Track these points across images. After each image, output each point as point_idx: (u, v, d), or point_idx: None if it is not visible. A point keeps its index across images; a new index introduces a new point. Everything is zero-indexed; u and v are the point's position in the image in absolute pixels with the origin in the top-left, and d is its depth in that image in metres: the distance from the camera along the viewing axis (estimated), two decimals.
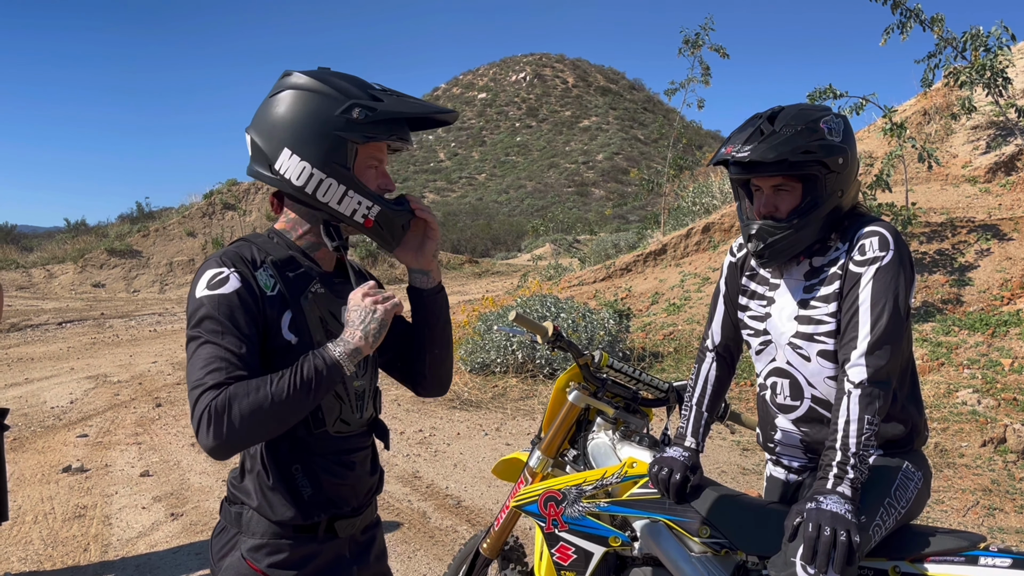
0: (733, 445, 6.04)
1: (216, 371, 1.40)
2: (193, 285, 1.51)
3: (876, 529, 1.91)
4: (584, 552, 2.32)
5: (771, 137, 1.98)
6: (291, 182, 1.55)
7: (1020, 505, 4.69)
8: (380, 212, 1.59)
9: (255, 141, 1.59)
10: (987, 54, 9.18)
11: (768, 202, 2.06)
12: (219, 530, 1.62)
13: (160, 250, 24.03)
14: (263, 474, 1.56)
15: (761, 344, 2.20)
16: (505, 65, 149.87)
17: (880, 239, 1.98)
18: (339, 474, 1.63)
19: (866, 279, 1.95)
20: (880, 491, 1.97)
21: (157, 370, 9.56)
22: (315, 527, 1.59)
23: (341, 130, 1.52)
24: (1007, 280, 7.76)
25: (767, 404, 2.24)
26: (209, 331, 1.45)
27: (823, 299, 2.05)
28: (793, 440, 2.19)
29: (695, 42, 13.57)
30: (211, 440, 1.37)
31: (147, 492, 5.07)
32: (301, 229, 1.64)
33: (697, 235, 11.57)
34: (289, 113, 1.55)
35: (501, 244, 46.42)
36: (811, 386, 2.10)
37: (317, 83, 1.55)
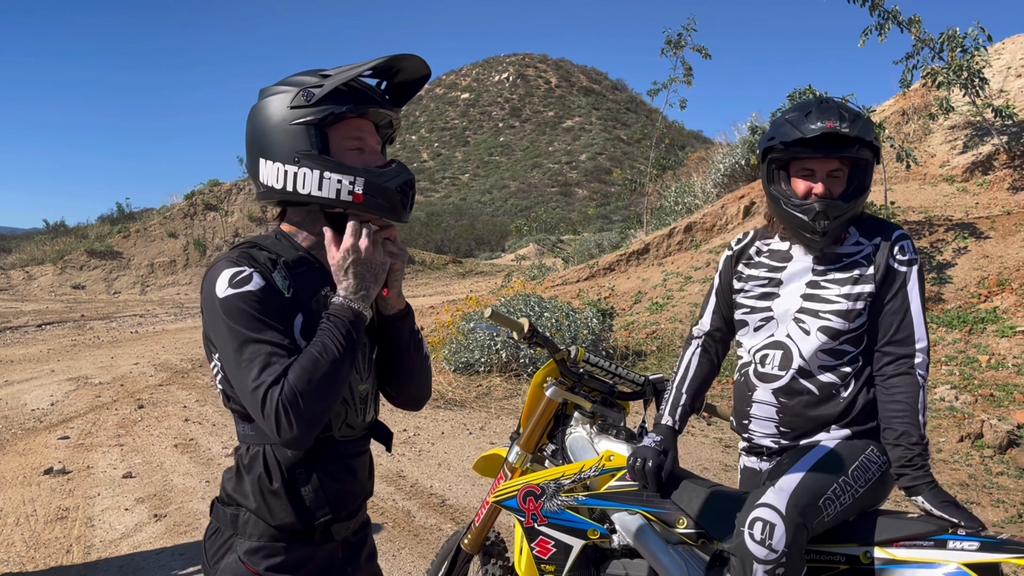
0: (715, 442, 6.09)
1: (270, 367, 1.39)
2: (210, 286, 1.48)
3: (828, 503, 1.97)
4: (563, 545, 2.35)
5: (858, 119, 2.13)
6: (274, 188, 1.54)
7: (997, 499, 4.77)
8: (367, 183, 1.52)
9: (246, 168, 1.61)
10: (964, 55, 9.30)
11: (826, 184, 2.18)
12: (212, 531, 1.60)
13: (141, 251, 23.87)
14: (264, 477, 1.53)
15: (761, 320, 2.29)
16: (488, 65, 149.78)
17: (911, 243, 2.21)
18: (342, 479, 1.61)
19: (912, 280, 2.18)
20: (836, 468, 2.03)
21: (139, 372, 9.51)
22: (313, 531, 1.57)
23: (295, 119, 1.51)
24: (984, 278, 7.87)
25: (749, 379, 2.30)
26: (247, 328, 1.43)
27: (837, 282, 2.20)
28: (768, 412, 2.25)
29: (677, 43, 13.63)
30: (296, 431, 1.37)
31: (130, 493, 5.05)
32: (304, 231, 1.61)
33: (679, 235, 11.64)
34: (254, 126, 1.56)
35: (485, 244, 46.44)
36: (802, 358, 2.19)
37: (275, 87, 1.56)
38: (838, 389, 2.16)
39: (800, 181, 2.19)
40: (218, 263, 1.51)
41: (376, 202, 1.53)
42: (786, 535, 1.88)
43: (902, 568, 1.91)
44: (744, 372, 2.33)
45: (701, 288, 9.83)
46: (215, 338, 1.48)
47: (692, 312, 9.24)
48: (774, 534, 1.88)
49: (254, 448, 1.55)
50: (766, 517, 1.91)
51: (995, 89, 10.52)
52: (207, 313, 1.49)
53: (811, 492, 1.96)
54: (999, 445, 5.46)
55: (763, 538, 1.89)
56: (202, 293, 1.52)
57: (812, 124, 2.13)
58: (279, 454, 1.54)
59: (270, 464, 1.54)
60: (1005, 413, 5.98)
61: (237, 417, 1.57)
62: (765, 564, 1.88)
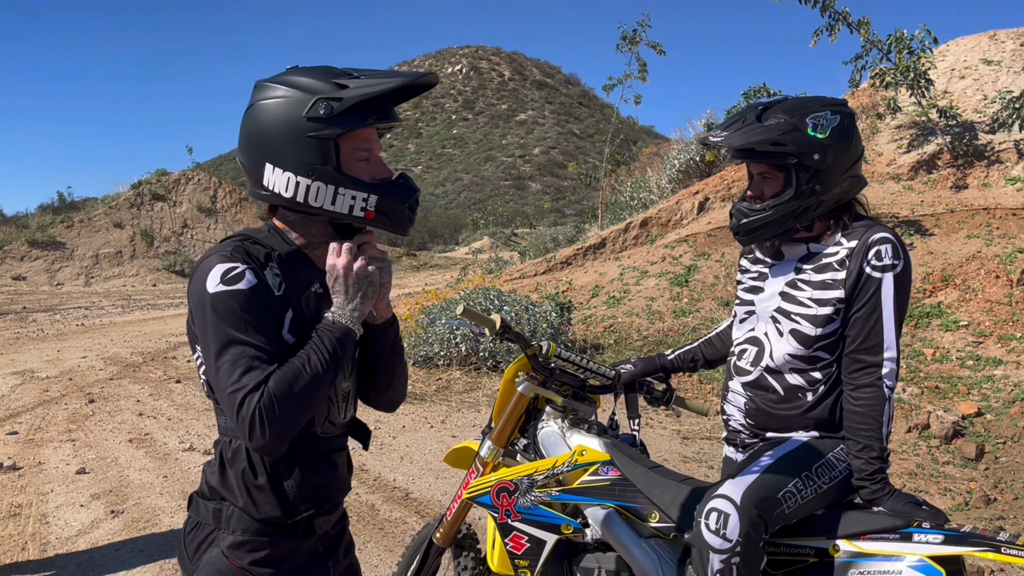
0: (674, 434, 6.19)
1: (251, 370, 1.39)
2: (199, 280, 1.46)
3: (788, 496, 2.02)
4: (537, 540, 2.37)
5: (749, 126, 2.12)
6: (282, 195, 1.52)
7: (944, 488, 4.94)
8: (379, 201, 1.53)
9: (243, 163, 1.57)
10: (911, 56, 9.57)
11: (755, 187, 2.22)
12: (192, 526, 1.59)
13: (85, 242, 23.25)
14: (249, 472, 1.53)
15: (745, 313, 2.36)
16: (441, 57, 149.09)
17: (893, 247, 2.11)
18: (324, 473, 1.63)
19: (887, 286, 2.10)
20: (800, 464, 2.09)
21: (88, 365, 9.28)
22: (296, 525, 1.58)
23: (312, 132, 1.48)
24: (929, 274, 8.12)
25: (729, 369, 2.40)
26: (234, 328, 1.42)
27: (810, 283, 2.19)
28: (738, 402, 2.33)
29: (632, 38, 13.75)
30: (268, 439, 1.38)
31: (84, 490, 4.94)
32: (299, 230, 1.60)
33: (635, 229, 11.76)
34: (260, 128, 1.52)
35: (439, 237, 46.27)
36: (771, 357, 2.24)
37: (280, 88, 1.51)
38: (804, 392, 2.20)
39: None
40: (210, 256, 1.49)
41: (387, 220, 1.56)
42: (740, 525, 1.93)
43: (869, 560, 1.98)
44: (728, 362, 2.43)
45: (657, 282, 9.96)
46: (199, 332, 1.47)
47: (648, 306, 9.36)
48: (728, 524, 1.94)
49: (237, 441, 1.55)
50: (721, 507, 1.97)
51: (940, 90, 10.83)
52: (194, 306, 1.47)
53: (770, 485, 2.01)
54: (945, 436, 5.66)
55: (718, 528, 1.95)
56: (191, 284, 1.50)
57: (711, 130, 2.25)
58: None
59: (254, 458, 1.54)
60: (950, 405, 6.20)
61: (219, 410, 1.57)
62: (720, 553, 1.94)
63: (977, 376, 6.58)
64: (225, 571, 1.52)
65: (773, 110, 2.15)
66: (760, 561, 1.99)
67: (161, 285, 22.00)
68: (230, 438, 1.56)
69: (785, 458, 2.10)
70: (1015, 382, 6.32)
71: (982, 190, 9.46)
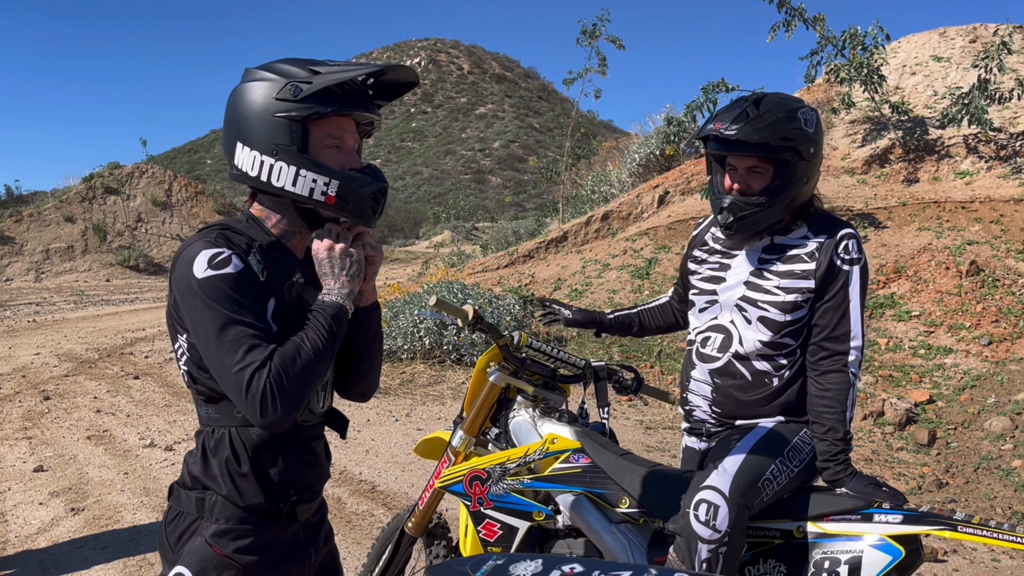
0: (636, 424, 6.27)
1: (254, 348, 1.42)
2: (185, 267, 1.48)
3: (766, 483, 2.09)
4: (509, 528, 2.41)
5: (756, 120, 2.14)
6: (248, 174, 1.56)
7: (898, 473, 5.09)
8: (340, 187, 1.55)
9: (223, 146, 1.61)
10: (864, 52, 9.77)
11: (742, 180, 2.22)
12: (173, 516, 1.60)
13: (35, 236, 22.66)
14: (232, 460, 1.55)
15: (706, 302, 2.39)
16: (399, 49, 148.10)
17: (857, 242, 2.23)
18: (305, 460, 1.66)
19: (854, 279, 2.19)
20: (773, 450, 2.15)
21: (41, 362, 9.08)
22: (278, 512, 1.61)
23: (279, 112, 1.52)
24: (883, 265, 8.31)
25: (691, 357, 2.42)
26: (229, 309, 1.44)
27: (777, 273, 2.24)
28: (704, 390, 2.37)
29: (592, 33, 13.81)
30: (280, 413, 1.40)
31: (43, 487, 4.86)
32: (275, 218, 1.62)
33: (597, 223, 11.84)
34: (236, 109, 1.56)
35: (399, 231, 46.00)
36: (740, 343, 2.29)
37: (261, 72, 1.56)
38: (770, 378, 2.26)
39: (727, 175, 2.25)
40: (193, 244, 1.51)
41: (347, 205, 1.58)
42: (729, 516, 1.99)
43: (832, 541, 2.05)
44: (688, 352, 2.45)
45: (619, 275, 10.05)
46: (190, 319, 1.48)
47: (611, 298, 9.45)
48: (718, 515, 1.99)
49: (219, 431, 1.56)
50: (711, 499, 2.01)
51: (892, 86, 11.09)
52: (181, 294, 1.48)
53: (752, 473, 2.07)
54: (899, 422, 5.82)
55: (708, 519, 1.99)
56: (173, 273, 1.51)
57: (710, 124, 2.21)
58: (244, 437, 1.56)
59: (236, 447, 1.56)
60: (903, 392, 6.37)
61: (201, 400, 1.58)
62: (709, 543, 1.99)
63: (929, 364, 6.77)
64: (209, 559, 1.53)
65: (765, 104, 2.18)
66: (742, 547, 2.05)
67: (115, 280, 21.56)
68: (213, 427, 1.57)
69: (759, 445, 2.15)
70: (964, 370, 6.52)
71: (932, 184, 9.71)
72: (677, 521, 2.08)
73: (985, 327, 6.98)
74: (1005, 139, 9.70)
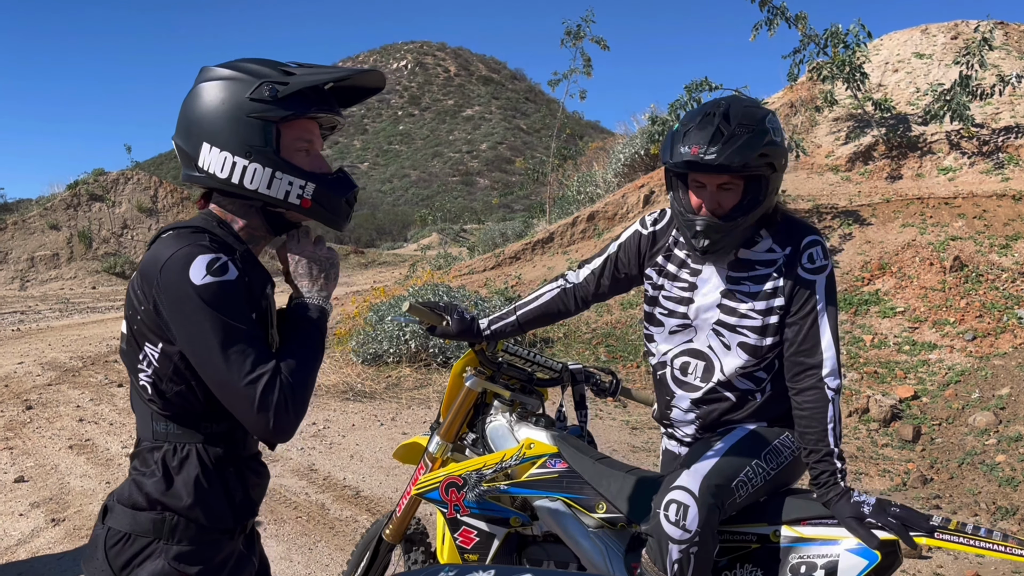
0: (623, 424, 6.26)
1: (262, 359, 1.40)
2: (178, 272, 1.41)
3: (740, 485, 2.06)
4: (486, 534, 2.39)
5: (732, 140, 1.98)
6: (216, 176, 1.50)
7: (883, 469, 5.09)
8: (316, 190, 1.53)
9: (179, 145, 1.54)
10: (846, 50, 9.80)
11: (711, 199, 2.07)
12: (117, 539, 1.50)
13: (20, 244, 22.49)
14: (202, 479, 1.50)
15: (678, 325, 2.25)
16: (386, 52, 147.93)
17: (822, 248, 2.14)
18: (260, 473, 1.64)
19: (820, 288, 2.10)
20: (750, 452, 2.12)
21: (24, 371, 9.00)
22: (235, 528, 1.57)
23: (254, 112, 1.48)
24: (867, 262, 8.34)
25: (667, 382, 2.32)
26: (235, 319, 1.41)
27: (750, 295, 2.14)
28: (688, 418, 2.29)
29: (577, 34, 13.83)
30: (293, 420, 1.41)
31: (24, 498, 4.80)
32: (240, 221, 1.57)
33: (583, 223, 11.84)
34: (202, 107, 1.51)
35: (387, 234, 45.95)
36: (722, 372, 2.20)
37: (226, 71, 1.52)
38: (753, 394, 2.20)
39: (693, 193, 2.11)
40: (182, 248, 1.44)
41: (321, 210, 1.55)
42: (699, 516, 1.96)
43: (808, 545, 2.04)
44: (662, 374, 2.33)
45: None
46: (184, 329, 1.41)
47: None
48: (687, 515, 1.97)
49: (184, 448, 1.51)
50: (680, 499, 1.99)
51: (874, 83, 11.12)
52: (172, 302, 1.41)
53: (724, 474, 2.04)
54: (883, 419, 5.83)
55: (677, 519, 1.97)
56: (160, 279, 1.43)
57: (682, 147, 2.03)
58: (211, 453, 1.52)
59: (205, 464, 1.51)
60: (888, 389, 6.39)
61: (161, 416, 1.51)
62: (679, 544, 1.97)
63: (913, 360, 6.79)
64: None
65: (734, 117, 2.03)
66: (714, 548, 2.03)
67: (101, 287, 21.42)
68: (175, 444, 1.50)
69: (736, 446, 2.12)
70: (949, 365, 6.54)
71: (916, 180, 9.75)
72: (649, 522, 2.06)
73: (969, 322, 7.01)
74: (987, 135, 9.74)
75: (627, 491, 2.23)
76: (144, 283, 1.46)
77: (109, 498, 1.57)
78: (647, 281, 2.36)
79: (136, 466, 1.54)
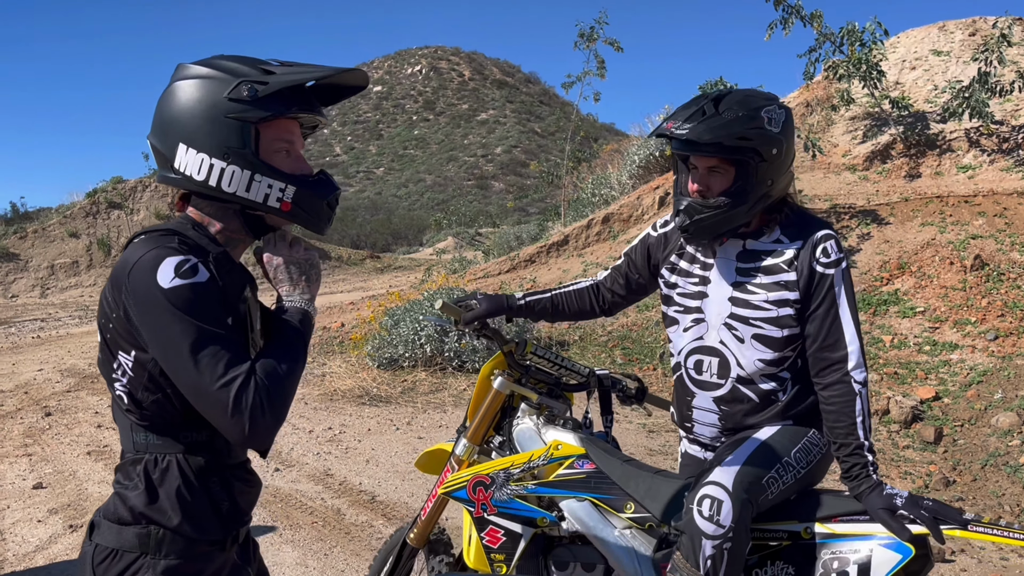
0: (639, 428, 6.24)
1: (237, 363, 1.35)
2: (145, 274, 1.37)
3: (771, 481, 2.05)
4: (513, 534, 2.38)
5: (711, 119, 2.04)
6: (193, 178, 1.45)
7: (904, 471, 5.05)
8: (297, 193, 1.48)
9: (154, 146, 1.49)
10: (862, 48, 9.74)
11: (701, 181, 2.12)
12: (105, 555, 1.45)
13: (40, 252, 22.74)
14: (184, 490, 1.45)
15: (692, 322, 2.27)
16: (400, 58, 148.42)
17: (836, 242, 2.12)
18: (249, 482, 1.60)
19: (837, 282, 2.09)
20: (780, 450, 2.11)
21: (44, 378, 9.08)
22: (225, 539, 1.53)
23: (232, 113, 1.43)
24: (886, 262, 8.28)
25: (684, 382, 2.32)
26: (204, 322, 1.35)
27: (762, 286, 2.14)
28: (710, 419, 2.28)
29: (590, 36, 13.83)
30: (271, 424, 1.35)
31: (42, 504, 4.84)
32: (218, 224, 1.53)
33: (598, 225, 11.82)
34: (178, 107, 1.46)
35: (402, 239, 46.01)
36: (739, 367, 2.19)
37: (203, 69, 1.46)
38: (777, 394, 2.18)
39: (690, 178, 2.15)
40: (150, 251, 1.39)
41: (302, 213, 1.51)
42: (732, 511, 1.95)
43: (840, 541, 2.02)
44: (679, 375, 2.34)
45: None
46: (153, 333, 1.36)
47: None
48: (721, 510, 1.96)
49: (165, 459, 1.46)
50: (714, 494, 1.98)
51: (891, 81, 11.05)
52: (140, 306, 1.37)
53: (756, 471, 2.03)
54: (904, 420, 5.78)
55: (711, 514, 1.96)
56: (129, 283, 1.39)
57: (664, 123, 2.11)
58: (193, 463, 1.47)
59: (187, 474, 1.46)
60: (909, 390, 6.33)
61: (140, 426, 1.47)
62: (713, 539, 1.96)
63: (934, 361, 6.73)
64: None
65: (726, 102, 2.07)
66: (747, 545, 2.02)
67: None
68: (155, 455, 1.46)
69: (766, 444, 2.11)
70: (971, 365, 6.48)
71: (935, 178, 9.68)
72: (682, 518, 2.05)
73: (991, 322, 6.94)
74: (1007, 132, 9.66)
75: (656, 492, 2.22)
76: (114, 289, 1.42)
77: (96, 514, 1.52)
78: (661, 281, 2.38)
79: (119, 479, 1.50)
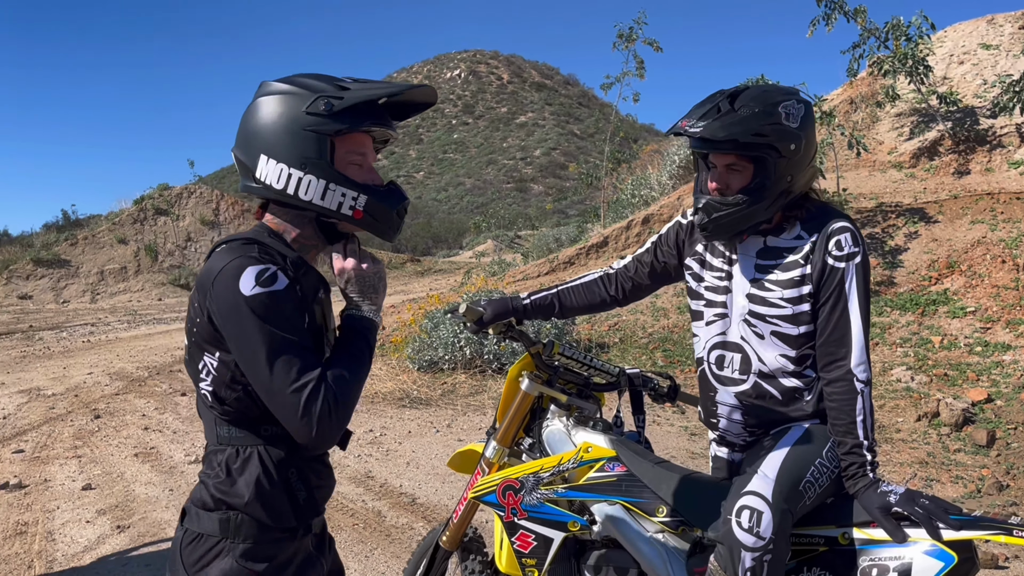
0: (681, 431, 6.16)
1: (308, 368, 1.44)
2: (229, 282, 1.46)
3: (808, 486, 1.99)
4: (544, 538, 2.35)
5: (727, 116, 2.01)
6: (272, 187, 1.56)
7: (955, 476, 4.89)
8: (368, 202, 1.57)
9: (238, 157, 1.60)
10: (908, 43, 9.52)
11: (720, 179, 2.10)
12: (191, 539, 1.57)
13: (90, 259, 23.29)
14: (263, 479, 1.55)
15: (715, 316, 2.25)
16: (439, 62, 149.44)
17: (852, 235, 2.06)
18: (322, 474, 1.67)
19: (850, 276, 2.04)
20: (812, 452, 2.05)
21: (94, 381, 9.28)
22: (298, 527, 1.61)
23: (310, 126, 1.53)
24: (934, 261, 8.07)
25: (706, 377, 2.29)
26: (281, 328, 1.44)
27: (778, 283, 2.11)
28: (735, 416, 2.24)
29: (629, 36, 13.75)
30: (336, 428, 1.45)
31: (91, 506, 4.93)
32: (294, 232, 1.62)
33: (637, 227, 11.72)
34: (260, 120, 1.56)
35: (442, 242, 46.29)
36: (761, 362, 2.16)
37: (284, 85, 1.57)
38: (801, 393, 2.14)
39: (710, 176, 2.12)
40: (233, 260, 1.49)
41: (372, 220, 1.60)
42: (773, 522, 1.90)
43: (879, 547, 1.95)
44: (702, 371, 2.32)
45: None
46: (235, 338, 1.46)
47: (653, 303, 9.32)
48: (762, 521, 1.90)
49: (247, 450, 1.56)
50: (753, 505, 1.92)
51: (939, 76, 10.78)
52: (223, 312, 1.46)
53: (793, 477, 1.98)
54: (955, 423, 5.61)
55: (751, 526, 1.91)
56: (215, 289, 1.48)
57: (679, 121, 2.08)
58: (273, 455, 1.57)
59: (267, 465, 1.56)
60: (959, 392, 6.15)
61: (224, 420, 1.58)
62: (753, 551, 1.90)
63: (986, 362, 6.53)
64: None
65: (743, 98, 2.03)
66: (787, 555, 1.96)
67: (167, 299, 22.03)
68: (237, 447, 1.56)
69: (797, 448, 2.05)
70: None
71: (985, 175, 9.41)
72: (718, 529, 2.00)
73: None
74: None
75: (687, 494, 2.17)
76: (200, 295, 1.52)
77: (187, 502, 1.64)
78: (687, 272, 2.35)
79: (204, 469, 1.62)
